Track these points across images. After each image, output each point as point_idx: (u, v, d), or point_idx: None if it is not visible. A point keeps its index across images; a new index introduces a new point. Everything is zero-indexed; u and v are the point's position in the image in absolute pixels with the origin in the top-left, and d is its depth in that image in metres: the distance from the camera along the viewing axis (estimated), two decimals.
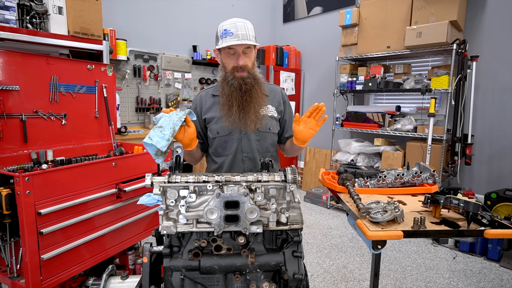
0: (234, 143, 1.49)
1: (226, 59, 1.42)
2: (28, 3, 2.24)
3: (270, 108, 1.55)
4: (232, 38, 1.35)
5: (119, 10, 3.63)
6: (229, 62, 1.42)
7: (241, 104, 1.41)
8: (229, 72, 1.42)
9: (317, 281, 2.46)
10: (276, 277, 0.96)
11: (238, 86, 1.40)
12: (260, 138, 1.52)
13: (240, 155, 1.50)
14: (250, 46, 1.41)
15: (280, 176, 0.96)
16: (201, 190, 0.92)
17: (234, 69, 1.41)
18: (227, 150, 1.50)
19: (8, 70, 1.90)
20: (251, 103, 1.42)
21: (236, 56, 1.40)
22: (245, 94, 1.41)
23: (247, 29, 1.38)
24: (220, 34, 1.39)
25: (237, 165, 1.50)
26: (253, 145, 1.50)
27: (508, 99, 3.22)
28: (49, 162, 2.02)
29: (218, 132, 1.49)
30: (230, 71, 1.42)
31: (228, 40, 1.35)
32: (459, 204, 1.21)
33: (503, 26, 3.20)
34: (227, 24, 1.38)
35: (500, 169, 3.30)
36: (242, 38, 1.36)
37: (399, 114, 3.72)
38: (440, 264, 2.73)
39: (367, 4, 3.69)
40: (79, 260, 1.70)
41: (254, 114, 1.44)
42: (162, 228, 0.88)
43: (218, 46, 1.40)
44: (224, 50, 1.40)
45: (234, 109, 1.41)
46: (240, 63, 1.40)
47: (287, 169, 0.98)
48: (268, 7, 5.41)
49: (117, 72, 3.62)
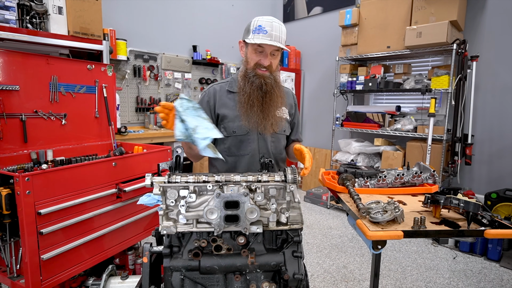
0: (251, 143, 1.46)
1: (252, 55, 1.39)
2: (28, 3, 2.24)
3: (284, 110, 1.55)
4: (265, 36, 1.32)
5: (119, 10, 3.63)
6: (254, 59, 1.39)
7: (262, 105, 1.39)
8: (250, 68, 1.40)
9: (317, 281, 2.46)
10: (276, 277, 0.96)
11: (259, 85, 1.38)
12: (275, 140, 1.52)
13: (257, 156, 1.48)
14: (279, 48, 1.39)
15: (280, 176, 0.96)
16: (201, 190, 0.92)
17: (256, 66, 1.39)
18: (242, 150, 1.47)
19: (8, 70, 1.90)
20: (271, 105, 1.41)
21: (264, 55, 1.38)
22: (265, 95, 1.40)
23: (281, 32, 1.36)
24: (253, 28, 1.35)
25: (255, 165, 1.48)
26: (269, 147, 1.50)
27: (508, 99, 3.22)
28: (49, 162, 2.02)
29: (234, 131, 1.45)
30: (252, 68, 1.40)
31: (261, 37, 1.32)
32: (459, 204, 1.21)
33: (503, 26, 3.20)
34: (263, 21, 1.34)
35: (500, 169, 3.30)
36: (275, 39, 1.33)
37: (399, 114, 3.72)
38: (440, 264, 2.72)
39: (367, 4, 3.69)
40: (79, 260, 1.70)
41: (273, 117, 1.43)
42: (162, 228, 0.88)
43: (248, 40, 1.35)
44: (253, 45, 1.37)
45: (255, 109, 1.38)
46: (266, 64, 1.38)
47: (287, 169, 0.98)
48: (268, 7, 5.41)
49: (117, 72, 3.62)
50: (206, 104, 1.50)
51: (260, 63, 1.38)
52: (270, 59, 1.39)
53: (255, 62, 1.39)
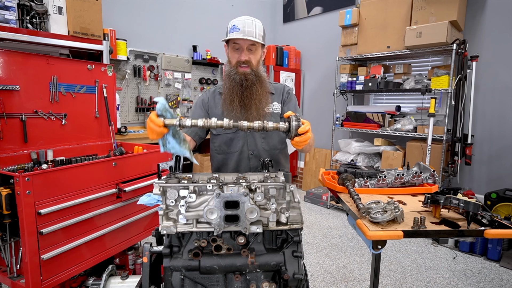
0: (240, 140, 1.51)
1: (232, 53, 1.46)
2: (28, 3, 2.24)
3: (276, 105, 1.57)
4: (238, 33, 1.39)
5: (119, 10, 3.63)
6: (233, 57, 1.46)
7: (242, 100, 1.43)
8: (233, 67, 1.46)
9: (317, 281, 2.46)
10: (276, 277, 0.96)
11: (239, 82, 1.42)
12: (265, 135, 1.54)
13: (246, 153, 1.52)
14: (255, 43, 1.43)
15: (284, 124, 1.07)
16: (201, 190, 0.92)
17: (238, 64, 1.44)
18: (232, 147, 1.52)
19: (8, 70, 1.90)
20: (252, 100, 1.44)
21: (241, 51, 1.43)
22: (245, 90, 1.43)
23: (254, 27, 1.41)
24: (229, 28, 1.44)
25: (243, 162, 1.52)
26: (258, 143, 1.53)
27: (508, 99, 3.22)
28: (49, 162, 2.02)
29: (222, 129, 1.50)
30: (234, 66, 1.45)
31: (234, 34, 1.40)
32: (459, 204, 1.21)
33: (503, 26, 3.20)
34: (236, 20, 1.43)
35: (500, 169, 3.30)
36: (248, 34, 1.39)
37: (399, 114, 3.72)
38: (440, 264, 2.73)
39: (367, 4, 3.69)
40: (79, 260, 1.70)
41: (256, 111, 1.44)
42: (162, 228, 0.88)
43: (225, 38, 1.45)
44: (230, 44, 1.44)
45: (235, 104, 1.42)
46: (243, 58, 1.43)
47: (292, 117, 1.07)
48: (268, 7, 5.41)
49: (117, 72, 3.62)
50: (201, 103, 1.61)
51: (239, 59, 1.44)
52: (248, 54, 1.43)
53: (236, 60, 1.45)
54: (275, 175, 1.07)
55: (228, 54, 1.49)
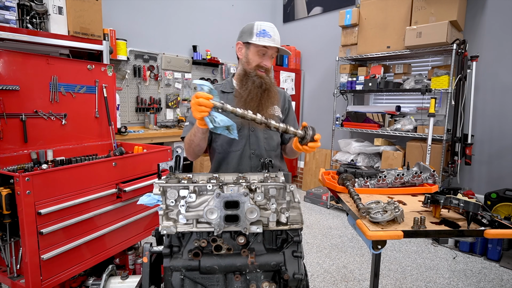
0: (243, 139, 1.52)
1: (254, 56, 1.46)
2: (28, 3, 2.24)
3: (276, 108, 1.60)
4: (269, 40, 1.44)
5: (119, 10, 3.63)
6: (255, 60, 1.46)
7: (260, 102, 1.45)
8: (252, 69, 1.47)
9: (317, 281, 2.46)
10: (276, 277, 0.96)
11: (259, 84, 1.45)
12: (267, 136, 1.56)
13: (247, 152, 1.53)
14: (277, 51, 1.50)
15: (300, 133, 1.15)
16: (201, 190, 0.92)
17: (258, 67, 1.47)
18: (234, 146, 1.52)
19: (8, 70, 1.90)
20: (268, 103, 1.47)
21: (266, 57, 1.47)
22: (264, 93, 1.46)
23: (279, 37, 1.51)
24: (256, 31, 1.44)
25: (244, 161, 1.53)
26: (261, 143, 1.54)
27: (508, 99, 3.22)
28: (49, 162, 2.02)
29: None
30: (253, 68, 1.47)
31: (267, 40, 1.43)
32: (459, 204, 1.21)
33: (503, 26, 3.20)
34: (266, 26, 1.46)
35: (500, 169, 3.30)
36: (277, 43, 1.47)
37: (399, 114, 3.72)
38: (440, 264, 2.73)
39: (367, 4, 3.69)
40: (79, 260, 1.70)
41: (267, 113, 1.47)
42: (162, 228, 0.88)
43: (254, 41, 1.43)
44: (257, 47, 1.45)
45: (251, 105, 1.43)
46: (269, 65, 1.48)
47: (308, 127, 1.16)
48: (268, 7, 5.41)
49: (117, 72, 3.62)
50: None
51: (262, 65, 1.46)
52: (270, 60, 1.49)
53: (257, 64, 1.46)
54: (275, 175, 1.07)
55: (247, 55, 1.48)
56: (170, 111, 4.24)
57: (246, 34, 1.47)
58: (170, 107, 4.20)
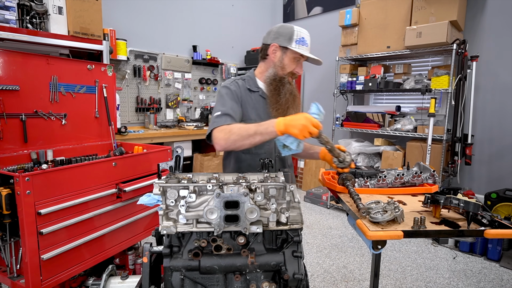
0: (268, 143, 1.49)
1: (290, 62, 1.46)
2: (28, 3, 2.24)
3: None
4: (307, 49, 1.46)
5: (119, 10, 3.63)
6: (290, 66, 1.46)
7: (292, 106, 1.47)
8: (285, 74, 1.47)
9: (317, 281, 2.46)
10: (276, 277, 0.96)
11: (291, 90, 1.47)
12: None
13: (273, 155, 1.53)
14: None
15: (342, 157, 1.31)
16: (201, 190, 0.92)
17: (291, 74, 1.48)
18: (259, 148, 1.49)
19: (8, 70, 1.90)
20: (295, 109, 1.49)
21: (299, 64, 1.48)
22: (294, 98, 1.49)
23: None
24: (296, 38, 1.43)
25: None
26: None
27: (508, 99, 3.22)
28: (49, 162, 2.02)
29: None
30: (287, 74, 1.47)
31: (305, 49, 1.45)
32: (459, 204, 1.21)
33: (503, 26, 3.20)
34: (304, 33, 1.46)
35: (500, 169, 3.30)
36: (311, 52, 1.48)
37: (399, 114, 3.72)
38: (440, 264, 2.72)
39: (367, 4, 3.69)
40: (79, 260, 1.70)
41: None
42: (162, 228, 0.88)
43: (294, 48, 1.42)
44: (295, 54, 1.44)
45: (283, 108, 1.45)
46: (301, 72, 1.50)
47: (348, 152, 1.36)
48: (268, 7, 5.41)
49: (117, 72, 3.62)
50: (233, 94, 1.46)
51: (295, 72, 1.48)
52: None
53: (291, 71, 1.47)
54: (275, 175, 1.07)
55: (282, 59, 1.46)
56: (170, 111, 4.24)
57: (284, 38, 1.44)
58: (170, 107, 4.21)
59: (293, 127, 1.15)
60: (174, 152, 1.10)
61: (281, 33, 1.45)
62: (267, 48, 1.49)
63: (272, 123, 1.21)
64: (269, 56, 1.49)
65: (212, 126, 1.34)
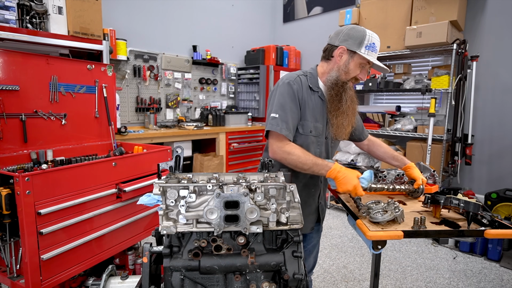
0: (319, 146, 1.48)
1: (356, 68, 1.40)
2: (28, 3, 2.24)
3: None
4: (376, 55, 1.41)
5: (119, 10, 3.63)
6: (355, 72, 1.40)
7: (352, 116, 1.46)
8: (348, 79, 1.41)
9: (317, 281, 2.46)
10: (276, 277, 0.96)
11: (351, 97, 1.44)
12: (334, 145, 1.57)
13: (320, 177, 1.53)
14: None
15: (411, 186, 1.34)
16: (201, 190, 0.92)
17: (353, 79, 1.43)
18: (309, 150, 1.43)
19: (8, 70, 1.90)
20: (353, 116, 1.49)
21: (364, 70, 1.43)
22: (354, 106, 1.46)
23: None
24: (367, 43, 1.38)
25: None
26: (329, 151, 1.55)
27: (508, 99, 3.22)
28: (49, 162, 2.02)
29: (311, 131, 1.44)
30: (350, 80, 1.42)
31: (374, 56, 1.40)
32: (459, 204, 1.21)
33: (503, 26, 3.20)
34: (376, 39, 1.41)
35: (500, 169, 3.30)
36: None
37: (399, 114, 3.72)
38: (440, 264, 2.72)
39: (367, 4, 3.69)
40: (79, 260, 1.70)
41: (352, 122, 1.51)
42: (162, 228, 0.88)
43: (363, 54, 1.36)
44: (362, 60, 1.39)
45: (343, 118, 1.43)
46: (364, 79, 1.45)
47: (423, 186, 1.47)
48: (268, 7, 5.41)
49: (117, 72, 3.62)
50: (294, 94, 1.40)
51: (359, 77, 1.42)
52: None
53: (355, 76, 1.41)
54: (275, 175, 1.07)
55: (347, 63, 1.39)
56: (170, 111, 4.24)
57: (354, 41, 1.38)
58: (170, 107, 4.20)
59: (341, 183, 1.28)
60: (174, 152, 1.10)
61: (351, 35, 1.39)
62: (333, 50, 1.42)
63: (326, 168, 1.31)
64: (334, 58, 1.42)
65: (269, 128, 1.38)
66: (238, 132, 4.32)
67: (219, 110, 4.37)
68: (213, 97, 4.80)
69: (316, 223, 1.62)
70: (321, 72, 1.47)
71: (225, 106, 4.91)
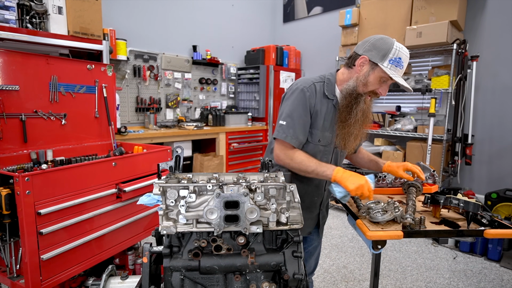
0: (327, 155, 1.46)
1: (375, 81, 1.31)
2: (28, 3, 2.24)
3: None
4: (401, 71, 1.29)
5: (119, 10, 3.63)
6: (374, 85, 1.32)
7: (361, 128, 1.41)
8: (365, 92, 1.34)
9: (317, 281, 2.46)
10: (276, 277, 0.96)
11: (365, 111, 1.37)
12: (342, 154, 1.55)
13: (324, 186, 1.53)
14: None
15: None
16: (201, 190, 0.92)
17: (372, 93, 1.35)
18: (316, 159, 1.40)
19: (8, 70, 1.90)
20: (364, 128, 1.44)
21: (385, 85, 1.33)
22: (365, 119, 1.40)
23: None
24: (392, 56, 1.27)
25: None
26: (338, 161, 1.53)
27: (508, 99, 3.22)
28: (49, 162, 2.02)
29: (319, 140, 1.41)
30: (367, 93, 1.34)
31: (398, 72, 1.28)
32: (459, 204, 1.21)
33: (503, 26, 3.20)
34: (403, 53, 1.28)
35: (500, 169, 3.30)
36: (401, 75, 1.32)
37: (399, 114, 3.72)
38: (440, 264, 2.72)
39: (367, 4, 3.69)
40: (79, 260, 1.70)
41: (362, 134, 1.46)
42: (162, 228, 0.88)
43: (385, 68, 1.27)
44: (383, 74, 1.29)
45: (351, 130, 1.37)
46: (384, 94, 1.35)
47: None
48: (268, 7, 5.41)
49: (117, 72, 3.62)
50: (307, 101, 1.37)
51: (378, 92, 1.33)
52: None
53: (373, 89, 1.33)
54: (275, 175, 1.07)
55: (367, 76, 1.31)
56: (170, 111, 4.24)
57: (378, 52, 1.29)
58: (170, 107, 4.20)
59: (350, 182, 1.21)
60: (174, 152, 1.09)
61: (376, 46, 1.30)
62: (356, 58, 1.34)
63: (331, 169, 1.27)
64: (355, 67, 1.35)
65: (275, 135, 1.38)
66: (238, 132, 4.32)
67: (219, 110, 4.37)
68: (213, 97, 4.80)
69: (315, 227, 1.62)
70: (340, 79, 1.42)
71: (225, 106, 4.91)
